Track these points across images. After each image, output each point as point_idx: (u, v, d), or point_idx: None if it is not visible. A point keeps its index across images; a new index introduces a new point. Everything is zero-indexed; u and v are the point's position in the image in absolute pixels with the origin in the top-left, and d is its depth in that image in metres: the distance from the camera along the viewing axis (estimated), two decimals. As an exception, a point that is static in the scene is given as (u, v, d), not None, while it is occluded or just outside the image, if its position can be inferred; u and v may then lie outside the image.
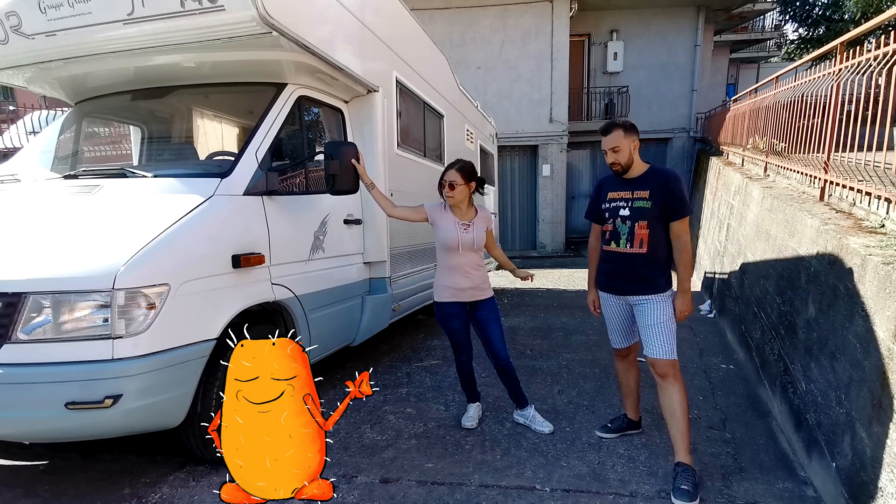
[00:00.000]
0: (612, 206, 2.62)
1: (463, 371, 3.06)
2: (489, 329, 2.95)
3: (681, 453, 2.41)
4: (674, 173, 2.58)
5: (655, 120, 13.24)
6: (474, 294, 2.90)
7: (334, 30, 3.15)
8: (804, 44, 14.58)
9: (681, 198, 2.49)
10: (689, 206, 2.53)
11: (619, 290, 2.64)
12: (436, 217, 2.87)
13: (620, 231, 2.57)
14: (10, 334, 2.02)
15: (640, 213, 2.52)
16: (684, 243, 2.51)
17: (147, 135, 3.70)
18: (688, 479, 2.32)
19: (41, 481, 2.53)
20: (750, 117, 6.69)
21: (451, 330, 2.94)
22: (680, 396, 2.45)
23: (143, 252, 2.12)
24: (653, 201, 2.50)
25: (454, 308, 2.89)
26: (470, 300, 2.91)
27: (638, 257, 2.53)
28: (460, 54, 11.70)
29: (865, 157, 3.00)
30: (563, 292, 7.86)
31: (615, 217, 2.60)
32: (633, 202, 2.55)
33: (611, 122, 2.61)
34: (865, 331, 2.15)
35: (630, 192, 2.57)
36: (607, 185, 2.69)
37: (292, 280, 2.92)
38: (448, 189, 2.81)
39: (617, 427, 2.93)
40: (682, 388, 2.48)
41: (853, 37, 3.52)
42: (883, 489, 1.86)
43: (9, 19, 2.75)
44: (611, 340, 2.84)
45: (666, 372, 2.47)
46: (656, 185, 2.51)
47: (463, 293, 2.87)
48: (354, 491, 2.40)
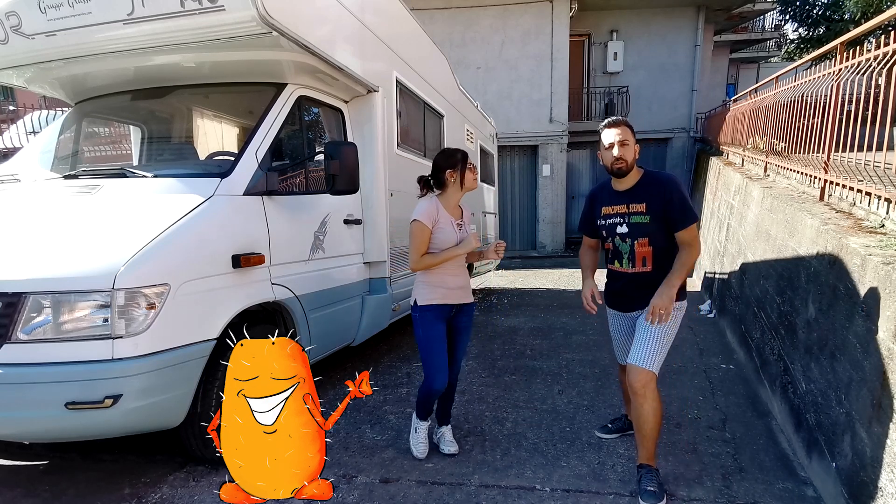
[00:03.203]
0: (609, 224, 2.41)
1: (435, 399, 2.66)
2: (462, 340, 2.73)
3: (643, 457, 2.35)
4: (670, 178, 2.36)
5: (655, 120, 13.24)
6: (461, 295, 2.65)
7: (334, 30, 3.15)
8: (804, 44, 14.59)
9: (682, 206, 2.27)
10: (692, 213, 2.30)
11: (625, 307, 2.50)
12: (434, 223, 2.54)
13: (621, 250, 2.38)
14: (10, 334, 2.02)
15: (638, 229, 2.32)
16: (691, 248, 2.27)
17: (147, 135, 3.70)
18: (652, 480, 2.29)
19: (41, 481, 2.53)
20: (750, 117, 6.69)
21: (434, 339, 2.55)
22: (651, 413, 2.26)
23: (143, 252, 2.12)
24: (650, 215, 2.30)
25: (444, 311, 2.59)
26: (457, 302, 2.64)
27: (643, 277, 2.34)
28: (460, 54, 11.70)
29: (865, 157, 2.99)
30: (563, 292, 7.86)
31: (613, 235, 2.40)
32: (630, 217, 2.34)
33: (616, 118, 2.40)
34: (865, 331, 2.15)
35: (625, 206, 2.36)
36: (599, 197, 2.49)
37: (292, 280, 2.92)
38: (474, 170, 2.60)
39: (618, 427, 2.93)
40: (656, 406, 2.28)
41: (853, 37, 3.52)
42: (883, 489, 1.86)
43: (9, 19, 2.75)
44: (616, 356, 2.75)
45: (638, 385, 2.25)
46: (653, 195, 2.30)
47: (452, 293, 2.61)
48: (354, 491, 2.40)
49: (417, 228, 2.51)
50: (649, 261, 2.33)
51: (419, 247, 2.52)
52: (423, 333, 2.56)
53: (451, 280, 2.60)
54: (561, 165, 12.50)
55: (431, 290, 2.58)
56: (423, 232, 2.51)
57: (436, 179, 2.62)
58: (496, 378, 3.92)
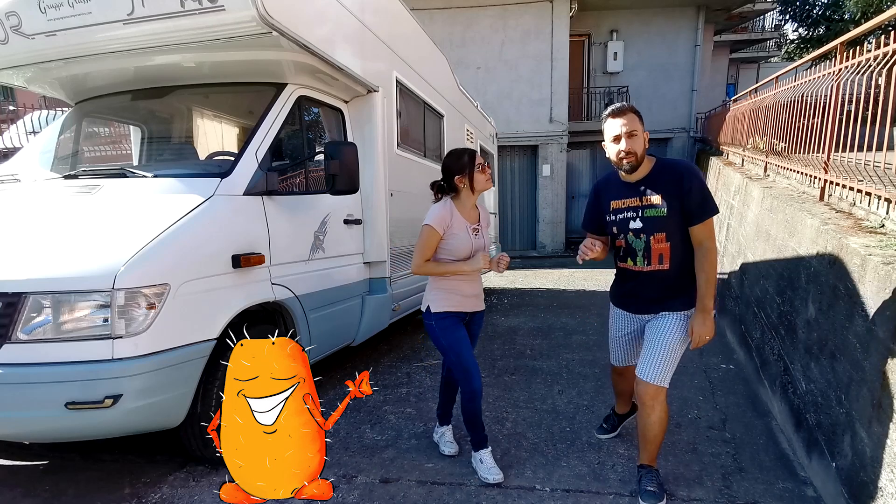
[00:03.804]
0: (620, 219, 2.19)
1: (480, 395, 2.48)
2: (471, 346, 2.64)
3: (644, 458, 2.33)
4: (688, 165, 2.15)
5: (655, 120, 13.22)
6: (475, 303, 2.59)
7: (334, 30, 3.15)
8: (804, 44, 14.61)
9: (701, 196, 2.05)
10: (713, 204, 2.09)
11: (635, 309, 2.34)
12: (447, 229, 2.43)
13: (635, 247, 2.17)
14: (10, 334, 2.02)
15: (654, 223, 2.11)
16: (708, 251, 2.07)
17: (147, 135, 3.70)
18: (652, 480, 2.28)
19: (41, 481, 2.53)
20: (750, 117, 6.69)
21: (460, 341, 2.47)
22: (658, 424, 2.22)
23: (143, 252, 2.12)
24: (668, 206, 2.07)
25: (460, 317, 2.53)
26: (472, 310, 2.58)
27: (659, 275, 2.16)
28: (460, 54, 11.71)
29: (865, 157, 3.00)
30: (563, 292, 7.86)
31: (625, 231, 2.18)
32: (644, 211, 2.12)
33: (621, 105, 2.13)
34: (865, 331, 2.15)
35: (637, 199, 2.14)
36: (607, 190, 2.27)
37: (292, 280, 2.92)
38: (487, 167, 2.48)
39: (612, 425, 2.89)
40: (664, 416, 2.22)
41: (853, 37, 3.52)
42: (883, 489, 1.86)
43: (9, 19, 2.75)
44: (611, 356, 2.60)
45: (648, 398, 2.19)
46: (669, 184, 2.08)
47: (467, 301, 2.54)
48: (354, 491, 2.40)
49: (427, 233, 2.42)
50: (666, 258, 2.13)
51: (424, 251, 2.43)
52: (447, 341, 2.47)
53: (466, 287, 2.53)
54: (561, 165, 12.51)
55: (447, 296, 2.50)
56: (432, 237, 2.42)
57: (448, 184, 2.51)
58: (496, 378, 3.92)
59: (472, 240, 2.46)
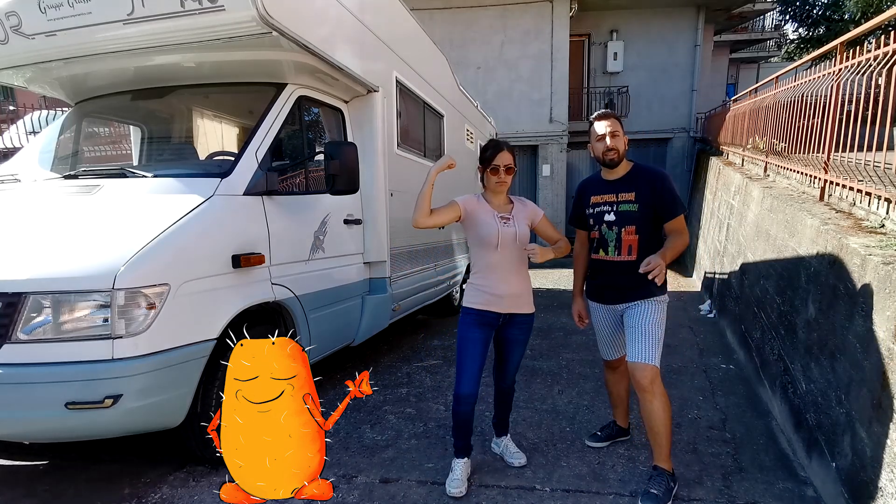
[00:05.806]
0: (597, 212, 2.46)
1: (463, 410, 2.39)
2: (513, 351, 2.54)
3: (659, 458, 2.33)
4: (660, 171, 2.43)
5: (655, 120, 13.25)
6: (512, 304, 2.42)
7: (334, 30, 3.15)
8: (804, 44, 14.60)
9: (671, 197, 2.33)
10: (681, 203, 2.38)
11: (608, 298, 2.50)
12: (471, 209, 2.39)
13: (607, 238, 2.41)
14: (10, 334, 2.02)
15: (626, 217, 2.37)
16: (680, 235, 2.32)
17: (147, 135, 3.70)
18: (660, 484, 2.26)
19: (41, 481, 2.53)
20: (750, 117, 6.69)
21: (469, 344, 2.38)
22: (661, 410, 2.28)
23: (143, 252, 2.12)
24: (639, 203, 2.35)
25: (486, 318, 2.40)
26: (506, 311, 2.41)
27: (627, 265, 2.36)
28: (460, 54, 11.70)
29: (865, 157, 2.99)
30: (563, 292, 7.86)
31: (600, 223, 2.44)
32: (619, 206, 2.39)
33: (605, 111, 2.46)
34: (865, 331, 2.15)
35: (614, 195, 2.41)
36: (589, 188, 2.55)
37: (292, 280, 2.92)
38: (505, 174, 2.36)
39: (607, 434, 2.86)
40: (665, 401, 2.30)
41: (853, 37, 3.52)
42: (883, 489, 1.86)
43: (9, 19, 2.75)
44: (601, 352, 2.72)
45: (646, 381, 2.27)
46: (642, 184, 2.36)
47: (499, 301, 2.38)
48: (354, 491, 2.40)
49: (449, 203, 2.39)
50: (634, 249, 2.36)
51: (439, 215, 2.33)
52: (459, 336, 2.43)
53: (499, 286, 2.38)
54: (561, 165, 12.50)
55: (474, 293, 2.42)
56: (452, 206, 2.37)
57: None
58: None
59: (499, 226, 2.36)
